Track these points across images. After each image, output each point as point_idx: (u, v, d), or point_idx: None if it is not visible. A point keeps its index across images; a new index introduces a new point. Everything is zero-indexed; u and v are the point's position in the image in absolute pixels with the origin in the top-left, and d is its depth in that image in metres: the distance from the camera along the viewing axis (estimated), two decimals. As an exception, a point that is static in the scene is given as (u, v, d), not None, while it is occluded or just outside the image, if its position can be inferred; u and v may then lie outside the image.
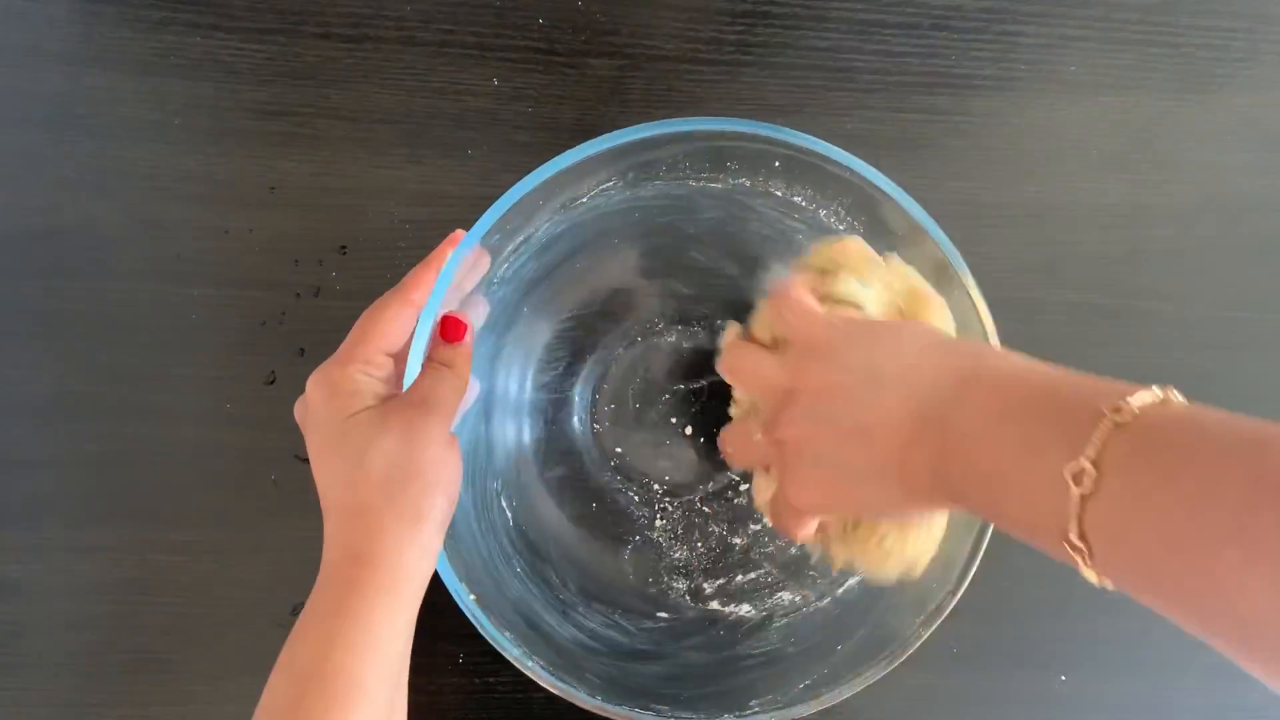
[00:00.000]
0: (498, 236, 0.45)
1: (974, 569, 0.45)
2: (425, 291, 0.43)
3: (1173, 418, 0.29)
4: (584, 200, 0.49)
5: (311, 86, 0.57)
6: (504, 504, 0.53)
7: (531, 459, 0.56)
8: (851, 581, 0.51)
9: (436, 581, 0.44)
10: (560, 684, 0.44)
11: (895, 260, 0.45)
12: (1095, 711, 0.57)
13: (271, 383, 0.56)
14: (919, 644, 0.45)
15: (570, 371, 0.57)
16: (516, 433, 0.56)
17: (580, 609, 0.51)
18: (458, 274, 0.43)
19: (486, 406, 0.53)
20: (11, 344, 0.56)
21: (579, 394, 0.57)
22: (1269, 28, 0.62)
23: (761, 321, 0.45)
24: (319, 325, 0.56)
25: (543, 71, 0.58)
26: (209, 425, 0.55)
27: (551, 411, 0.57)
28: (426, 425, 0.40)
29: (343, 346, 0.42)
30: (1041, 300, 0.59)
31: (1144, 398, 0.30)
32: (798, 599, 0.53)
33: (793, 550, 0.55)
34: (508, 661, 0.55)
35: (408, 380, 0.43)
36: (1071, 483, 0.29)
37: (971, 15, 0.60)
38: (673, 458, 0.57)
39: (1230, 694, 0.58)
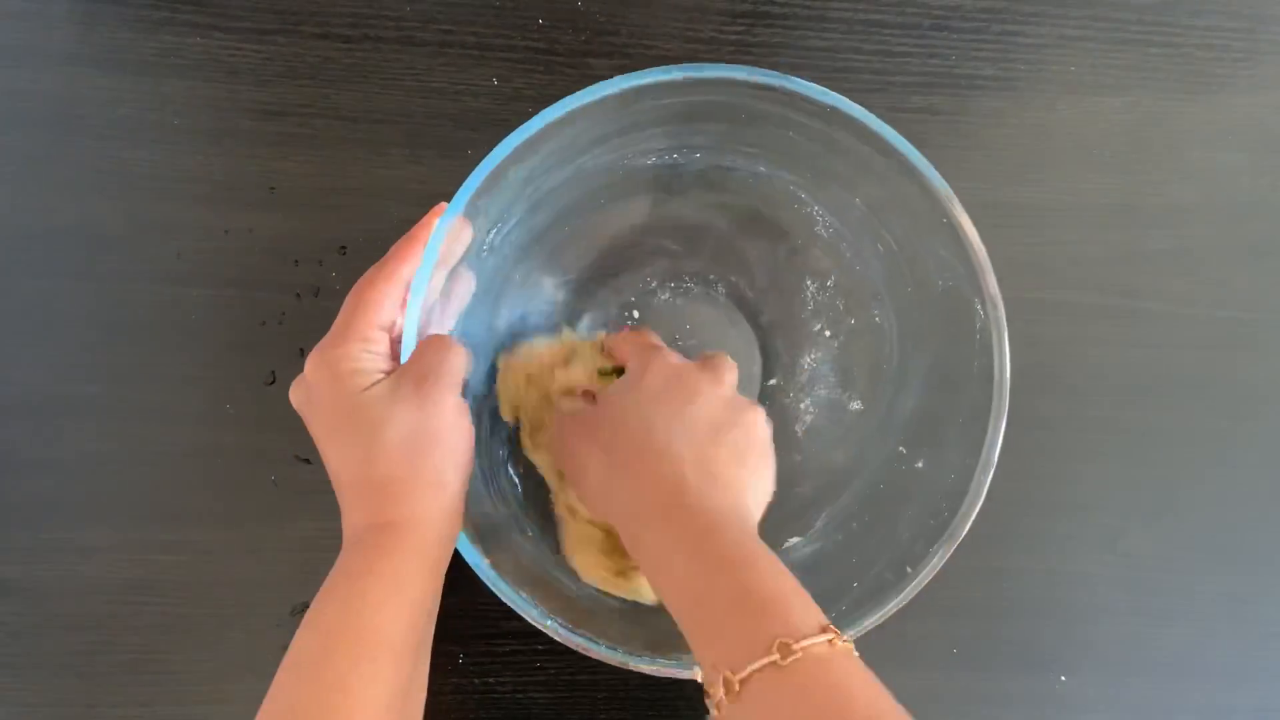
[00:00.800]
0: (484, 201, 0.45)
1: (982, 496, 0.45)
2: (413, 265, 0.42)
3: (815, 668, 0.33)
4: (568, 163, 0.49)
5: (311, 86, 0.57)
6: (511, 471, 0.53)
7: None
8: (857, 512, 0.52)
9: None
10: (581, 640, 0.44)
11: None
12: (1095, 711, 0.57)
13: (271, 383, 0.56)
14: (933, 574, 0.45)
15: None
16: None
17: None
18: (443, 246, 0.43)
19: (488, 375, 0.53)
20: (11, 344, 0.56)
21: None
22: (1269, 28, 0.62)
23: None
24: (319, 325, 0.55)
25: (543, 71, 0.58)
26: (209, 425, 0.55)
27: None
28: (438, 392, 0.40)
29: (336, 326, 0.41)
30: (1041, 300, 0.59)
31: (811, 641, 0.34)
32: (798, 539, 0.53)
33: (795, 498, 0.55)
34: (508, 661, 0.55)
35: (405, 353, 0.42)
36: (721, 688, 0.34)
37: (971, 15, 0.60)
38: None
39: (1230, 694, 0.58)
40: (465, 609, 0.54)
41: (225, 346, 0.56)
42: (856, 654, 0.35)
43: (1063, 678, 0.57)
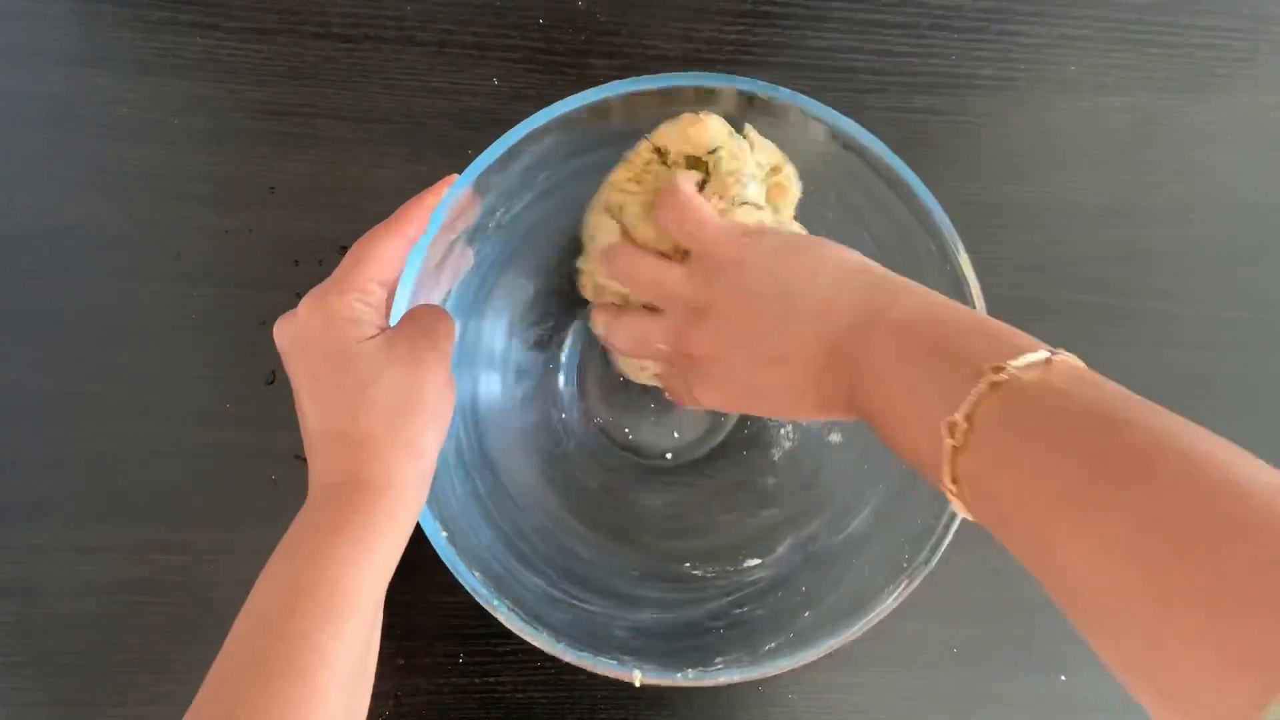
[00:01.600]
0: (496, 178, 0.45)
1: (946, 541, 0.44)
2: (419, 226, 0.42)
3: (1043, 382, 0.30)
4: (584, 154, 0.49)
5: (311, 86, 0.57)
6: (484, 455, 0.53)
7: (516, 416, 0.56)
8: (823, 541, 0.52)
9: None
10: (527, 628, 0.44)
11: (754, 136, 0.46)
12: (1095, 711, 0.57)
13: (271, 383, 0.56)
14: (885, 614, 0.45)
15: (560, 328, 0.57)
16: (502, 388, 0.56)
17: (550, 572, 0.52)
18: (450, 213, 0.43)
19: (473, 358, 0.53)
20: (12, 344, 0.56)
21: (566, 353, 0.57)
22: (1269, 28, 0.62)
23: (646, 224, 0.45)
24: None
25: (543, 71, 0.58)
26: (209, 425, 0.55)
27: (539, 369, 0.57)
28: (431, 359, 0.40)
29: (336, 273, 0.41)
30: (1041, 300, 0.59)
31: (1028, 359, 0.31)
32: (757, 562, 0.53)
33: (764, 520, 0.55)
34: (508, 661, 0.55)
35: (394, 313, 0.42)
36: (946, 434, 0.31)
37: (971, 15, 0.60)
38: (656, 423, 0.57)
39: (1230, 694, 0.58)
40: (465, 609, 0.54)
41: (225, 346, 0.56)
42: (1083, 368, 0.31)
43: (1063, 677, 0.57)
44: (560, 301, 0.56)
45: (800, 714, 0.56)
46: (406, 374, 0.39)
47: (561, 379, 0.57)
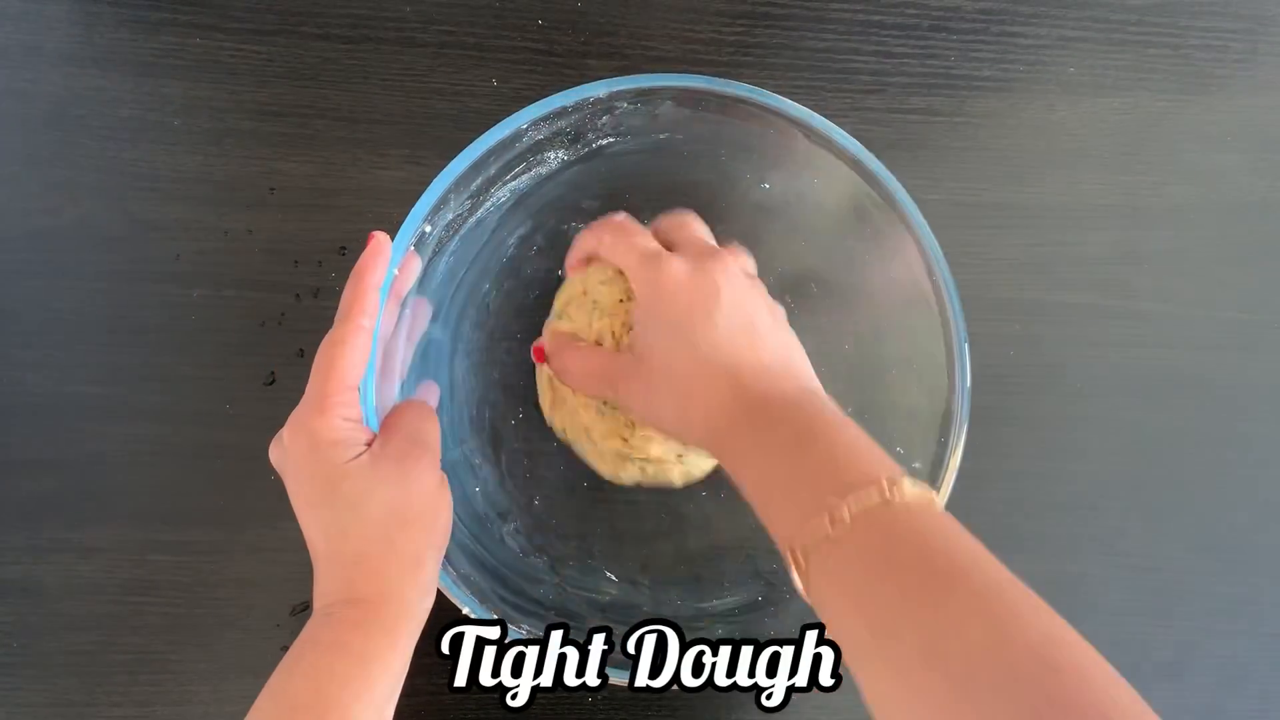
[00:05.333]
0: (427, 227, 0.46)
1: None
2: (372, 311, 0.41)
3: (906, 516, 0.35)
4: (528, 176, 0.50)
5: (311, 87, 0.57)
6: (493, 464, 0.53)
7: (509, 440, 0.56)
8: None
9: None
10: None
11: None
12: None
13: (271, 383, 0.56)
14: None
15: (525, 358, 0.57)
16: (490, 418, 0.55)
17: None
18: (394, 282, 0.44)
19: (452, 377, 0.53)
20: (11, 344, 0.56)
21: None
22: (1268, 28, 0.62)
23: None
24: (318, 326, 0.55)
25: (542, 72, 0.58)
26: (209, 425, 0.56)
27: (522, 393, 0.56)
28: (420, 467, 0.40)
29: (311, 390, 0.40)
30: (1041, 300, 0.59)
31: (908, 489, 0.36)
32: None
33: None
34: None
35: (368, 398, 0.42)
36: (829, 524, 0.35)
37: (970, 16, 0.60)
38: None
39: (1230, 694, 0.58)
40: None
41: (225, 347, 0.56)
42: (934, 501, 0.36)
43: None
44: (523, 321, 0.55)
45: (799, 713, 0.56)
46: (396, 489, 0.39)
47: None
